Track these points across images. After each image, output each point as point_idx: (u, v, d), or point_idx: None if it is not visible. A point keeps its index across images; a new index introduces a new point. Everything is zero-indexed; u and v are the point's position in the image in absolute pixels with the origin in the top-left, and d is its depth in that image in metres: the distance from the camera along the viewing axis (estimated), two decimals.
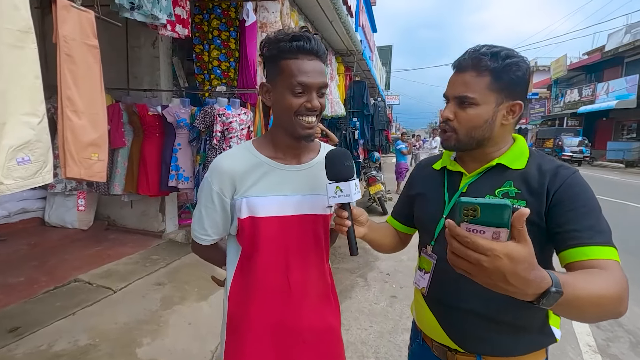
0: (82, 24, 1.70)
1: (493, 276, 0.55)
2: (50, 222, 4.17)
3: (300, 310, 0.98)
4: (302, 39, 0.87)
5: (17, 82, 1.42)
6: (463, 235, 0.55)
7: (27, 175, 1.45)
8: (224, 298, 1.05)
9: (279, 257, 0.96)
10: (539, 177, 0.84)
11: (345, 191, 0.86)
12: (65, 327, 2.41)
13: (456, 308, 0.89)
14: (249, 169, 0.94)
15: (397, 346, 2.47)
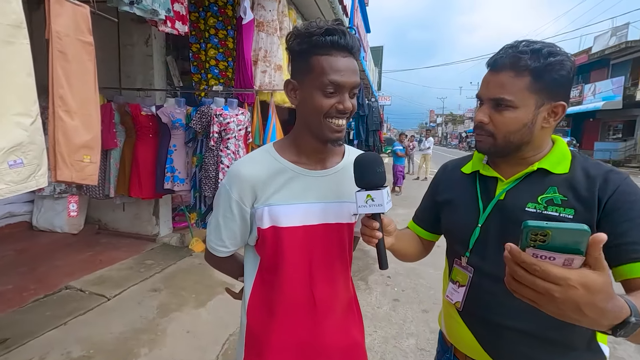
0: (76, 19, 1.60)
1: (564, 306, 0.50)
2: (38, 226, 4.02)
3: (325, 327, 0.91)
4: (336, 33, 0.77)
5: (7, 80, 1.31)
6: (531, 262, 0.49)
7: (19, 180, 1.35)
8: (241, 312, 0.97)
9: (303, 270, 0.89)
10: (586, 182, 0.78)
11: (377, 200, 0.78)
12: (57, 338, 2.29)
13: (498, 325, 0.83)
14: (272, 175, 0.87)
15: (402, 352, 2.42)
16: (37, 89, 1.43)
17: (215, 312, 2.80)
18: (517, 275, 0.51)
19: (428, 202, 1.06)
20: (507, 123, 0.80)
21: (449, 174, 1.02)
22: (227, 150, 3.52)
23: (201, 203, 3.80)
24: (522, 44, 0.79)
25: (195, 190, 3.75)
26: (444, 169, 1.06)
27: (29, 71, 1.36)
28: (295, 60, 0.84)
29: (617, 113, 20.73)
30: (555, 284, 0.48)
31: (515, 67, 0.78)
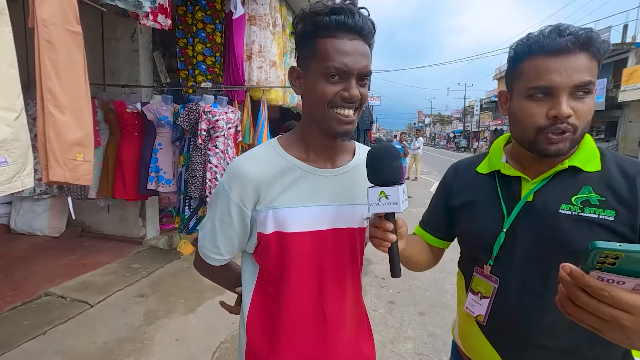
0: (63, 8, 1.47)
1: (632, 335, 0.44)
2: (16, 229, 3.81)
3: (336, 344, 0.82)
4: (343, 12, 0.69)
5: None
6: (599, 287, 0.43)
7: (3, 180, 1.22)
8: (240, 328, 0.87)
9: (311, 281, 0.79)
10: (625, 182, 0.72)
11: (392, 198, 0.69)
12: (36, 349, 2.14)
13: (527, 342, 0.75)
14: (277, 174, 0.77)
15: (400, 357, 2.35)
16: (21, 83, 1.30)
17: (206, 318, 2.68)
18: (580, 301, 0.45)
19: (439, 206, 0.97)
20: (590, 111, 0.71)
21: (463, 174, 0.93)
22: (215, 149, 3.40)
23: (185, 206, 3.66)
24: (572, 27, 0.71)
25: (180, 192, 3.61)
26: (456, 169, 0.97)
27: (11, 61, 1.24)
28: (301, 45, 0.76)
29: (600, 114, 21.22)
30: (626, 312, 0.43)
31: (590, 48, 0.69)
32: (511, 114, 0.79)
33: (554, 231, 0.72)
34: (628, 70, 18.44)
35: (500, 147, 0.88)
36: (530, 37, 0.73)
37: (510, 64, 0.78)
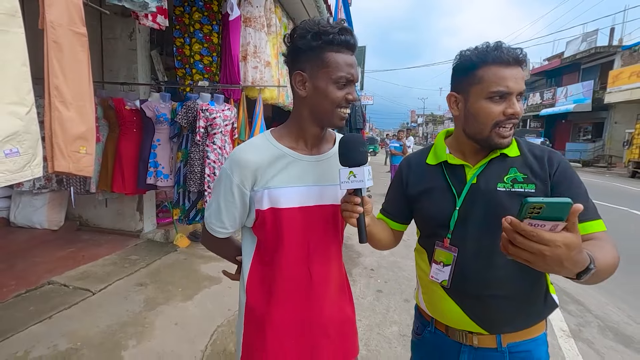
0: (69, 10, 1.60)
1: (551, 262, 0.62)
2: (16, 223, 3.91)
3: (321, 303, 0.98)
4: (348, 33, 0.88)
5: (2, 69, 1.32)
6: (529, 230, 0.61)
7: (15, 169, 1.35)
8: (240, 291, 1.02)
9: (301, 249, 0.95)
10: (536, 161, 0.93)
11: (359, 176, 0.86)
12: (42, 332, 2.27)
13: (482, 296, 0.93)
14: (271, 161, 0.92)
15: (386, 338, 2.52)
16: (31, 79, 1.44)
17: (203, 305, 2.82)
18: (517, 242, 0.63)
19: (397, 196, 1.13)
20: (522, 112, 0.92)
21: (415, 167, 1.09)
22: (213, 145, 3.54)
23: (185, 199, 3.79)
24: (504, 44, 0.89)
25: (179, 186, 3.74)
26: (409, 163, 1.13)
27: (24, 60, 1.37)
28: (307, 55, 0.89)
29: (586, 115, 21.73)
30: (546, 245, 0.60)
31: (521, 63, 0.90)
32: (468, 113, 0.95)
33: (495, 204, 0.90)
34: (614, 73, 18.87)
35: (442, 142, 1.06)
36: (480, 50, 0.90)
37: (463, 72, 0.94)
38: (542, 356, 0.96)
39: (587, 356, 2.39)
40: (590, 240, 0.83)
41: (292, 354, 0.97)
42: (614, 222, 6.54)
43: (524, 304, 0.92)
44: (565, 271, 0.65)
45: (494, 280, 0.91)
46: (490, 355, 0.94)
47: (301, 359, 0.98)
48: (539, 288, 0.94)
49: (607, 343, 2.58)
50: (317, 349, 0.98)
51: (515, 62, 0.89)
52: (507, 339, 0.93)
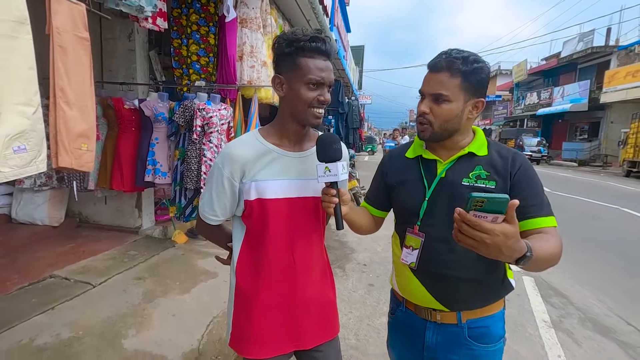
0: (73, 16, 1.70)
1: (491, 248, 0.73)
2: (17, 219, 4.00)
3: (304, 285, 1.09)
4: (319, 41, 0.97)
5: (11, 72, 1.42)
6: (473, 220, 0.72)
7: (22, 164, 1.46)
8: (230, 274, 1.13)
9: (285, 236, 1.05)
10: (501, 161, 1.02)
11: (333, 171, 0.97)
12: (45, 322, 2.37)
13: (445, 276, 1.04)
14: (258, 156, 1.03)
15: (375, 329, 2.63)
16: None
17: (199, 298, 2.93)
18: (463, 230, 0.74)
19: (378, 185, 1.25)
20: (444, 114, 1.01)
21: (395, 160, 1.21)
22: (209, 143, 3.64)
23: (181, 196, 3.89)
24: (454, 52, 1.00)
25: (176, 184, 3.84)
26: (390, 156, 1.25)
27: (31, 64, 1.47)
28: (284, 60, 1.01)
29: (583, 115, 21.87)
30: (487, 234, 0.71)
31: (450, 69, 0.99)
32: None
33: (458, 197, 1.01)
34: (610, 73, 18.99)
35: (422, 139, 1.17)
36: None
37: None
38: (499, 332, 1.07)
39: (565, 345, 2.51)
40: (540, 233, 0.94)
41: (276, 330, 1.07)
42: (604, 220, 6.67)
43: (482, 286, 1.03)
44: (504, 257, 0.75)
45: (454, 264, 1.01)
46: (451, 331, 1.05)
47: (285, 335, 1.08)
48: (496, 272, 1.05)
49: (586, 333, 2.70)
50: (299, 327, 1.09)
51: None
52: (466, 316, 1.04)
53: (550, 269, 2.99)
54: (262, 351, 1.06)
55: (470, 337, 1.04)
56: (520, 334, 2.63)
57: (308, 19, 5.63)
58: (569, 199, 8.70)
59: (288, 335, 1.09)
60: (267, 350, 1.07)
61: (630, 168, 14.61)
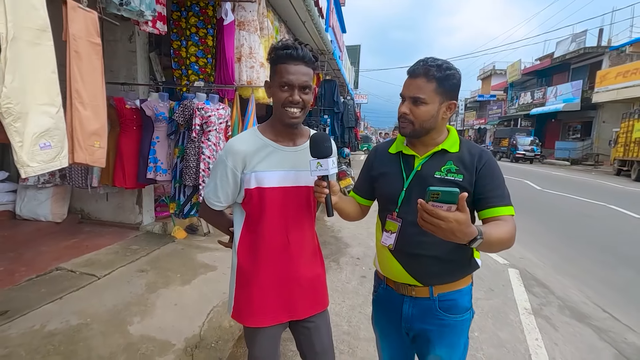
0: (87, 23, 1.84)
1: (447, 232, 0.88)
2: (21, 215, 4.12)
3: (297, 263, 1.25)
4: (291, 48, 1.11)
5: (35, 76, 1.56)
6: (431, 209, 0.87)
7: (48, 159, 1.60)
8: (232, 254, 1.28)
9: (280, 220, 1.21)
10: (469, 157, 1.18)
11: (324, 166, 1.12)
12: (55, 310, 2.51)
13: (418, 255, 1.19)
14: (257, 150, 1.19)
15: (366, 316, 2.79)
16: None
17: (199, 289, 3.07)
18: (424, 217, 0.90)
19: (365, 176, 1.40)
20: (422, 114, 1.16)
21: (380, 154, 1.36)
22: (208, 142, 3.78)
23: (180, 194, 4.03)
24: (430, 60, 1.15)
25: (176, 181, 3.98)
26: (375, 151, 1.40)
27: (53, 68, 1.61)
28: (270, 68, 1.18)
29: (576, 114, 22.20)
30: (442, 220, 0.87)
31: (426, 75, 1.14)
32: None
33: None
34: (601, 73, 19.29)
35: (402, 137, 1.32)
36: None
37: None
38: (465, 304, 1.23)
39: (543, 329, 2.69)
40: (497, 220, 1.10)
41: (273, 303, 1.23)
42: (592, 217, 6.88)
43: (450, 263, 1.19)
44: (458, 239, 0.91)
45: (427, 245, 1.17)
46: (424, 303, 1.21)
47: (280, 306, 1.24)
48: (463, 252, 1.19)
49: (563, 319, 2.88)
50: (293, 299, 1.25)
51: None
52: (437, 290, 1.20)
53: (535, 263, 3.22)
54: (260, 321, 1.22)
55: (440, 309, 1.20)
56: (502, 320, 2.81)
57: (304, 20, 5.77)
58: (560, 197, 8.92)
59: (283, 306, 1.24)
60: (264, 319, 1.22)
61: (621, 167, 14.90)
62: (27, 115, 1.59)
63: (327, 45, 7.44)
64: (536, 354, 2.37)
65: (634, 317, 2.96)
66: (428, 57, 1.17)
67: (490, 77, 36.15)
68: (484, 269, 3.90)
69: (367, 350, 2.36)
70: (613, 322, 2.87)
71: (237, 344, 2.40)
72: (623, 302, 3.25)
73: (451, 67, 1.15)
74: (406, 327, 1.26)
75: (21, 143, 1.61)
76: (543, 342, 2.52)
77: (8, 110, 1.54)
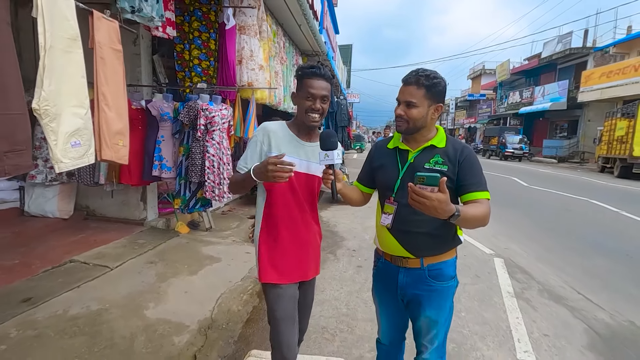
0: (109, 32, 2.04)
1: (430, 209, 1.12)
2: (29, 212, 4.27)
3: (306, 233, 1.55)
4: (315, 68, 1.43)
5: (67, 81, 1.76)
6: (418, 191, 1.11)
7: (77, 156, 1.80)
8: (256, 226, 1.56)
9: (293, 198, 1.49)
10: (453, 152, 1.42)
11: (330, 157, 1.37)
12: (74, 297, 2.70)
13: (411, 232, 1.42)
14: (283, 136, 1.49)
15: (363, 300, 3.03)
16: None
17: (207, 278, 3.28)
18: (413, 197, 1.13)
19: (367, 168, 1.65)
20: (414, 115, 1.40)
21: (380, 149, 1.61)
22: (212, 140, 3.98)
23: (186, 189, 4.23)
24: (420, 71, 1.39)
25: (181, 178, 4.17)
26: (376, 146, 1.65)
27: (83, 73, 1.81)
28: (297, 82, 1.47)
29: (562, 113, 22.79)
30: (427, 199, 1.10)
31: (417, 83, 1.38)
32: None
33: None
34: (586, 73, 19.85)
35: (398, 134, 1.56)
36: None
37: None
38: (450, 273, 1.47)
39: (523, 309, 2.96)
40: (474, 202, 1.34)
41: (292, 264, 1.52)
42: (573, 211, 7.23)
43: (437, 238, 1.43)
44: (439, 215, 1.14)
45: (418, 223, 1.40)
46: (416, 273, 1.45)
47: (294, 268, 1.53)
48: (448, 229, 1.43)
49: (542, 300, 3.16)
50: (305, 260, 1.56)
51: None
52: (427, 261, 1.44)
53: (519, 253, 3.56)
54: (280, 278, 1.50)
55: (429, 277, 1.44)
56: (487, 302, 3.07)
57: (299, 23, 5.98)
58: (545, 193, 9.30)
59: (298, 267, 1.54)
60: (283, 278, 1.50)
61: (604, 164, 15.42)
62: (60, 116, 1.79)
63: (321, 47, 7.66)
64: (516, 330, 2.63)
65: (604, 298, 3.26)
66: (419, 68, 1.41)
67: (480, 76, 36.76)
68: (472, 258, 4.17)
69: (364, 329, 2.60)
70: (586, 303, 3.16)
71: (246, 325, 2.62)
72: (596, 286, 3.54)
73: (437, 77, 1.38)
74: (401, 294, 1.49)
75: (56, 141, 1.81)
76: (523, 320, 2.79)
77: (46, 112, 1.74)
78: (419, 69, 1.41)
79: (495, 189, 10.01)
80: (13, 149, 1.51)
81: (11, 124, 1.48)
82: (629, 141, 12.91)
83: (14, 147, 1.53)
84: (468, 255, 4.27)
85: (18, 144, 1.54)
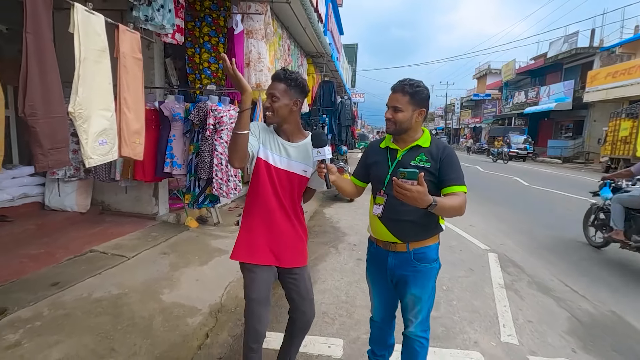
0: (132, 43, 2.27)
1: (411, 200, 1.34)
2: (50, 206, 4.54)
3: (282, 223, 1.72)
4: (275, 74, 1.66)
5: (96, 87, 2.00)
6: (401, 184, 1.33)
7: (104, 153, 2.04)
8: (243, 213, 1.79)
9: (272, 190, 1.68)
10: (436, 150, 1.63)
11: (322, 153, 1.58)
12: (96, 283, 2.95)
13: (398, 220, 1.63)
14: (270, 132, 1.71)
15: (361, 289, 3.24)
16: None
17: (216, 269, 3.52)
18: (397, 190, 1.34)
19: (362, 164, 1.86)
20: (400, 118, 1.61)
21: (374, 148, 1.82)
22: (220, 139, 4.21)
23: (195, 186, 4.48)
24: (406, 80, 1.60)
25: (191, 175, 4.41)
26: (371, 145, 1.87)
27: (110, 80, 2.05)
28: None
29: (568, 113, 22.74)
30: (408, 191, 1.31)
31: (402, 91, 1.60)
32: None
33: None
34: (592, 73, 19.79)
35: (390, 135, 1.77)
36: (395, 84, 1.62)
37: None
38: (433, 256, 1.68)
39: (512, 299, 3.16)
40: (453, 195, 1.54)
41: (263, 247, 1.71)
42: (571, 210, 7.37)
43: (421, 226, 1.64)
44: (419, 204, 1.35)
45: (404, 212, 1.61)
46: (403, 256, 1.66)
47: (269, 251, 1.71)
48: (431, 218, 1.63)
49: (530, 292, 3.35)
50: (278, 247, 1.73)
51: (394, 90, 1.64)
52: (413, 246, 1.65)
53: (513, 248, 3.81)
54: (248, 258, 1.70)
55: (414, 259, 1.65)
56: (478, 293, 3.27)
57: (304, 26, 6.19)
58: (546, 193, 9.43)
59: (271, 251, 1.71)
60: (252, 258, 1.70)
61: (609, 164, 15.43)
62: (90, 118, 2.03)
63: (325, 48, 7.87)
64: (502, 316, 2.83)
65: (590, 291, 3.44)
66: (405, 78, 1.62)
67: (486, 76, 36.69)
68: (467, 253, 4.37)
69: (362, 314, 2.81)
70: (572, 294, 3.35)
71: None
72: (585, 280, 3.72)
73: (421, 85, 1.60)
74: (390, 274, 1.71)
75: (87, 140, 2.05)
76: (510, 308, 2.99)
77: (80, 115, 1.98)
78: (405, 79, 1.62)
79: (496, 188, 10.16)
80: (55, 147, 1.75)
81: (54, 126, 1.72)
82: (632, 141, 12.96)
83: (55, 145, 1.77)
84: (464, 250, 4.47)
85: (59, 142, 1.77)
